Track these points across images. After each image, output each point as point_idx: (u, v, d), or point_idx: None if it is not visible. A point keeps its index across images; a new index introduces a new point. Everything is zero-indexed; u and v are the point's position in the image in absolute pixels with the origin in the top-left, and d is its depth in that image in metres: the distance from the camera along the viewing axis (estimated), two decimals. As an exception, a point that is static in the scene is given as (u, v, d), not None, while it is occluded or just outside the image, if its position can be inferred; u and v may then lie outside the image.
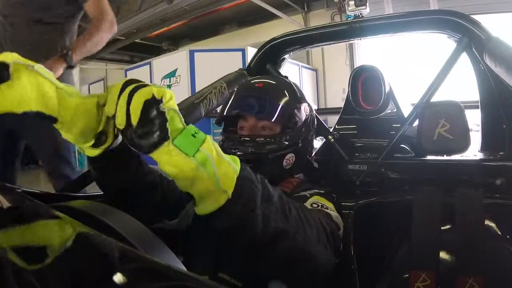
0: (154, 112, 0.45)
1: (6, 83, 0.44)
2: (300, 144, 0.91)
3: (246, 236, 0.50)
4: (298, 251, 0.56)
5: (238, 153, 0.85)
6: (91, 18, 1.68)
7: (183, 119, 0.48)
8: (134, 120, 0.45)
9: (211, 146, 0.48)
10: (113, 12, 1.69)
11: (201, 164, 0.46)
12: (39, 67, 0.47)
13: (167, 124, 0.46)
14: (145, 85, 0.47)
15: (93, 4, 1.64)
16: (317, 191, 0.84)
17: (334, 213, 0.77)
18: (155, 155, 0.47)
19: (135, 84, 0.48)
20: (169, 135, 0.46)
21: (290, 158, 0.89)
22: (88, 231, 0.35)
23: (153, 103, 0.45)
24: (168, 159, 0.46)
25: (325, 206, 0.77)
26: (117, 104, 0.48)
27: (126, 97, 0.46)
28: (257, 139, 0.86)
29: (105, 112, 0.53)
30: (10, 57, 0.45)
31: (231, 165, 0.48)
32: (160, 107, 0.46)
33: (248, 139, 0.87)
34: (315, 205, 0.77)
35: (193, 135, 0.47)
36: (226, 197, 0.46)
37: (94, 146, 0.57)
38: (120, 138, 0.60)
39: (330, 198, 0.83)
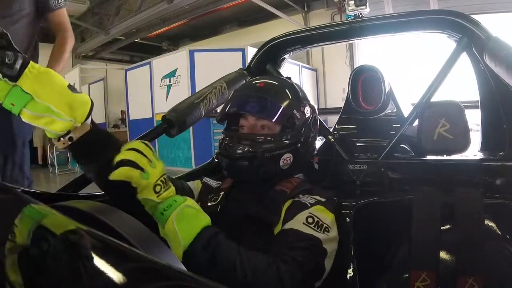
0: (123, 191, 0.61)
1: None
2: (299, 145, 0.91)
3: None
4: None
5: (236, 150, 0.86)
6: (56, 31, 1.65)
7: (157, 199, 0.63)
8: (111, 177, 0.60)
9: (170, 224, 0.62)
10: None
11: (164, 236, 0.63)
12: None
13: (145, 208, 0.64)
14: (135, 164, 0.61)
15: (60, 18, 1.61)
16: (318, 198, 0.83)
17: (326, 236, 0.76)
18: None
19: (131, 157, 0.61)
20: (147, 211, 0.65)
21: (287, 158, 0.89)
22: (89, 230, 0.35)
23: (124, 185, 0.60)
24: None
25: (320, 223, 0.77)
26: None
27: (120, 158, 0.61)
28: (255, 138, 0.87)
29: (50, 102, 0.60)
30: None
31: (181, 244, 0.62)
32: (135, 194, 0.62)
33: (246, 137, 0.88)
34: (310, 220, 0.77)
35: (161, 213, 0.63)
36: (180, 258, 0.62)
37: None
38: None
39: (331, 206, 0.83)
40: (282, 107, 0.88)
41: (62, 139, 0.61)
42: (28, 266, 0.31)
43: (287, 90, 0.93)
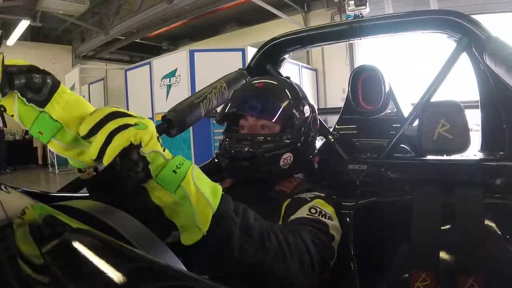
0: (135, 156, 0.46)
1: None
2: (299, 144, 0.91)
3: (224, 264, 0.53)
4: (276, 280, 0.58)
5: (235, 151, 0.85)
6: None
7: (164, 154, 0.49)
8: (106, 161, 0.46)
9: (190, 182, 0.49)
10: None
11: (181, 200, 0.48)
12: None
13: (149, 165, 0.47)
14: (126, 126, 0.47)
15: None
16: (317, 193, 0.83)
17: (331, 222, 0.76)
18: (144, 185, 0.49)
19: (118, 124, 0.47)
20: (152, 174, 0.47)
21: (287, 157, 0.89)
22: (88, 230, 0.35)
23: (130, 149, 0.46)
24: (153, 192, 0.48)
25: (323, 213, 0.77)
26: (92, 133, 0.47)
27: (106, 136, 0.46)
28: (255, 138, 0.87)
29: (78, 130, 0.51)
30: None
31: (209, 202, 0.49)
32: (141, 151, 0.47)
33: (246, 137, 0.88)
34: (313, 211, 0.76)
35: (174, 171, 0.49)
36: (201, 234, 0.48)
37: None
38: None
39: (331, 201, 0.83)
40: (281, 107, 0.89)
41: (87, 169, 0.56)
42: (28, 266, 0.31)
43: (286, 90, 0.93)
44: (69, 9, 6.68)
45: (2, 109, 0.50)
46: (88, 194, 0.85)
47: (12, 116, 0.50)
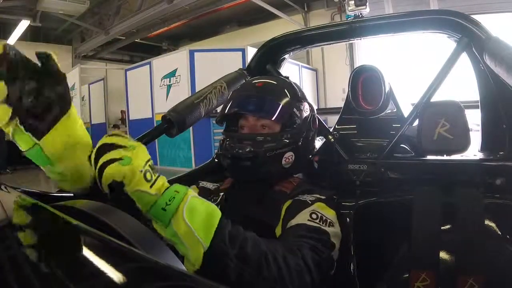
0: (121, 193, 0.49)
1: None
2: (300, 143, 0.91)
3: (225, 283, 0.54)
4: None
5: (237, 151, 0.85)
6: None
7: (150, 191, 0.49)
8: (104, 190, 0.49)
9: (179, 221, 0.49)
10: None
11: (172, 238, 0.50)
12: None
13: (135, 203, 0.49)
14: (110, 161, 0.48)
15: None
16: (318, 196, 0.83)
17: (332, 230, 0.76)
18: None
19: (106, 159, 0.49)
20: (142, 210, 0.49)
21: (289, 156, 0.89)
22: (88, 230, 0.35)
23: (116, 185, 0.48)
24: (152, 221, 0.50)
25: (324, 219, 0.77)
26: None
27: (97, 173, 0.49)
28: (256, 138, 0.87)
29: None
30: None
31: (199, 241, 0.50)
32: (124, 189, 0.48)
33: (247, 137, 0.88)
34: (314, 216, 0.76)
35: (163, 209, 0.49)
36: (195, 269, 0.50)
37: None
38: None
39: (332, 204, 0.83)
40: (281, 106, 0.89)
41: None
42: (28, 266, 0.31)
43: (285, 89, 0.93)
44: (69, 9, 6.68)
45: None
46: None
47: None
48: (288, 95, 0.92)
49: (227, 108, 0.92)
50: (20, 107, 0.47)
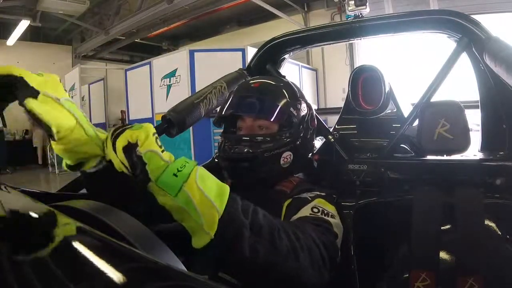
0: (134, 157, 0.49)
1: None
2: (298, 142, 0.91)
3: (237, 263, 0.53)
4: (289, 279, 0.57)
5: (235, 152, 0.85)
6: None
7: (162, 155, 0.49)
8: (116, 165, 0.51)
9: (193, 185, 0.48)
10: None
11: (184, 205, 0.47)
12: (65, 100, 0.51)
13: (146, 166, 0.48)
14: (123, 130, 0.51)
15: None
16: (318, 193, 0.83)
17: (334, 220, 0.76)
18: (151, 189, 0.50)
19: (118, 131, 0.51)
20: (150, 176, 0.48)
21: (287, 156, 0.89)
22: (88, 230, 0.35)
23: (129, 148, 0.49)
24: (157, 196, 0.49)
25: (325, 212, 0.76)
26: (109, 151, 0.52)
27: (111, 146, 0.51)
28: (254, 139, 0.87)
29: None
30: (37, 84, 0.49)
31: (214, 205, 0.49)
32: (137, 151, 0.49)
33: (245, 138, 0.88)
34: (315, 210, 0.76)
35: (175, 174, 0.48)
36: (209, 238, 0.48)
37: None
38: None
39: (332, 200, 0.83)
40: (279, 106, 0.89)
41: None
42: (28, 266, 0.31)
43: (282, 89, 0.93)
44: (69, 9, 6.69)
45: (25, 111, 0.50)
46: (87, 193, 0.85)
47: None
48: (285, 94, 0.92)
49: (224, 110, 0.92)
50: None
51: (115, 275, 0.27)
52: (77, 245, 0.32)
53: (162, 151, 0.50)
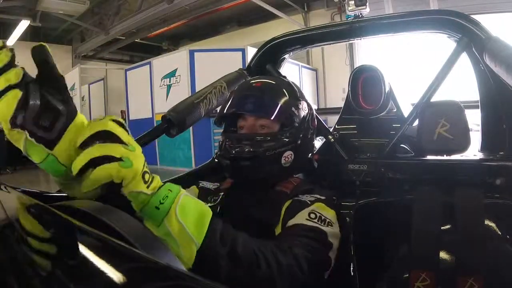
0: (116, 192, 0.47)
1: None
2: (299, 142, 0.91)
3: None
4: None
5: (236, 151, 0.86)
6: None
7: (147, 191, 0.48)
8: (84, 188, 0.46)
9: (172, 219, 0.48)
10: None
11: (164, 236, 0.48)
12: None
13: (131, 203, 0.48)
14: (111, 158, 0.45)
15: None
16: (318, 196, 0.83)
17: (330, 230, 0.76)
18: None
19: (103, 153, 0.45)
20: (134, 208, 0.48)
21: (288, 155, 0.88)
22: (88, 230, 0.35)
23: (111, 186, 0.46)
24: (144, 220, 0.49)
25: (322, 218, 0.76)
26: (82, 147, 0.46)
27: (87, 160, 0.45)
28: (255, 138, 0.87)
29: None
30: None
31: (192, 239, 0.49)
32: (121, 190, 0.47)
33: (246, 137, 0.88)
34: (312, 216, 0.76)
35: (157, 207, 0.48)
36: (188, 267, 0.49)
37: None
38: None
39: (331, 204, 0.83)
40: (280, 105, 0.89)
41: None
42: (28, 266, 0.31)
43: (284, 89, 0.93)
44: (69, 9, 6.69)
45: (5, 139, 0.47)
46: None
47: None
48: (286, 94, 0.92)
49: (226, 109, 0.92)
50: (27, 120, 0.45)
51: (115, 275, 0.27)
52: (77, 245, 0.32)
53: (148, 181, 0.48)
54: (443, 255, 0.84)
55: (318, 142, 1.18)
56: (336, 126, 1.31)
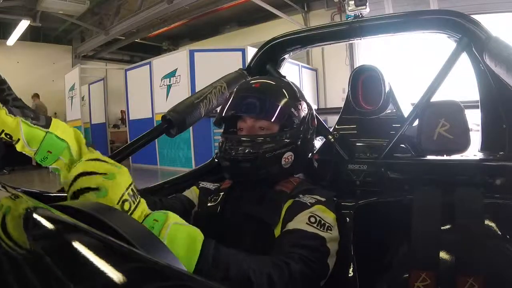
0: None
1: None
2: (299, 143, 0.91)
3: None
4: None
5: (237, 153, 0.85)
6: None
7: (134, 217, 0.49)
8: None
9: None
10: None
11: None
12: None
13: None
14: (85, 190, 0.49)
15: None
16: (318, 198, 0.83)
17: (329, 235, 0.76)
18: None
19: (80, 186, 0.49)
20: None
21: (288, 156, 0.88)
22: (88, 230, 0.35)
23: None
24: None
25: (322, 222, 0.77)
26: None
27: (73, 192, 0.49)
28: (255, 139, 0.87)
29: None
30: None
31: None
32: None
33: (246, 139, 0.87)
34: (312, 220, 0.76)
35: None
36: None
37: None
38: None
39: (332, 206, 0.83)
40: (279, 107, 0.88)
41: None
42: (28, 267, 0.31)
43: (283, 89, 0.93)
44: (69, 9, 6.69)
45: (8, 136, 0.52)
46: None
47: (17, 142, 0.52)
48: (286, 95, 0.92)
49: (225, 111, 0.91)
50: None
51: (115, 275, 0.27)
52: (77, 245, 0.32)
53: (132, 211, 0.49)
54: (443, 255, 0.84)
55: (318, 142, 1.18)
56: (336, 126, 1.31)
